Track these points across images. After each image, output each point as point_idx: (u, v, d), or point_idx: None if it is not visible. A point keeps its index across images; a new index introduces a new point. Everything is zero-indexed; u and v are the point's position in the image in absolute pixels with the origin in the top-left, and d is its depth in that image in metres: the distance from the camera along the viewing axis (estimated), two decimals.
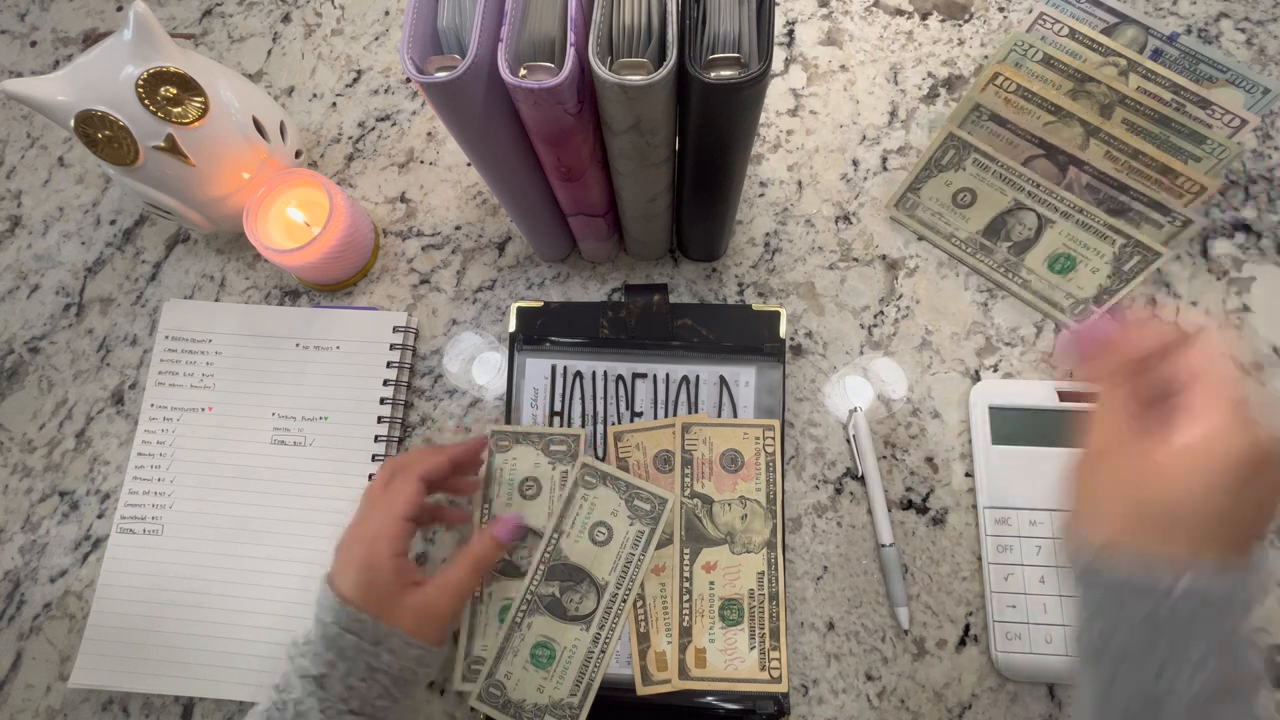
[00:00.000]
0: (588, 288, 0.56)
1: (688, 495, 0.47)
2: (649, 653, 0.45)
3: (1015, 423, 0.49)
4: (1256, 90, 0.48)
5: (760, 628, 0.46)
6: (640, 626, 0.46)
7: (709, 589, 0.46)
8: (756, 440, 0.47)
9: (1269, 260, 0.52)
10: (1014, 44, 0.50)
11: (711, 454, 0.47)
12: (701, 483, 0.47)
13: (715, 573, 0.46)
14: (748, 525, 0.47)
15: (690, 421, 0.47)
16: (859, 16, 0.61)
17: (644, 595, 0.46)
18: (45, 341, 0.58)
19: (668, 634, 0.46)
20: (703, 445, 0.47)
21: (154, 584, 0.51)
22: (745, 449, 0.47)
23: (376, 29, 0.64)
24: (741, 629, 0.46)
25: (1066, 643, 0.45)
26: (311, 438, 0.53)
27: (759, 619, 0.46)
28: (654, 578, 0.47)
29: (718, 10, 0.34)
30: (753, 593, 0.46)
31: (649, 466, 0.48)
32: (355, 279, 0.57)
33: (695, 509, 0.47)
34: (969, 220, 0.52)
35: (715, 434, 0.47)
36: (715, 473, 0.47)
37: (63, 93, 0.45)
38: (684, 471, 0.47)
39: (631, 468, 0.47)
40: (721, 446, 0.47)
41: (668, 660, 0.45)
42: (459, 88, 0.33)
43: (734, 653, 0.45)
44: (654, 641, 0.46)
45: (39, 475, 0.55)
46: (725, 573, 0.46)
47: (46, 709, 0.50)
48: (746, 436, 0.47)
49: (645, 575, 0.46)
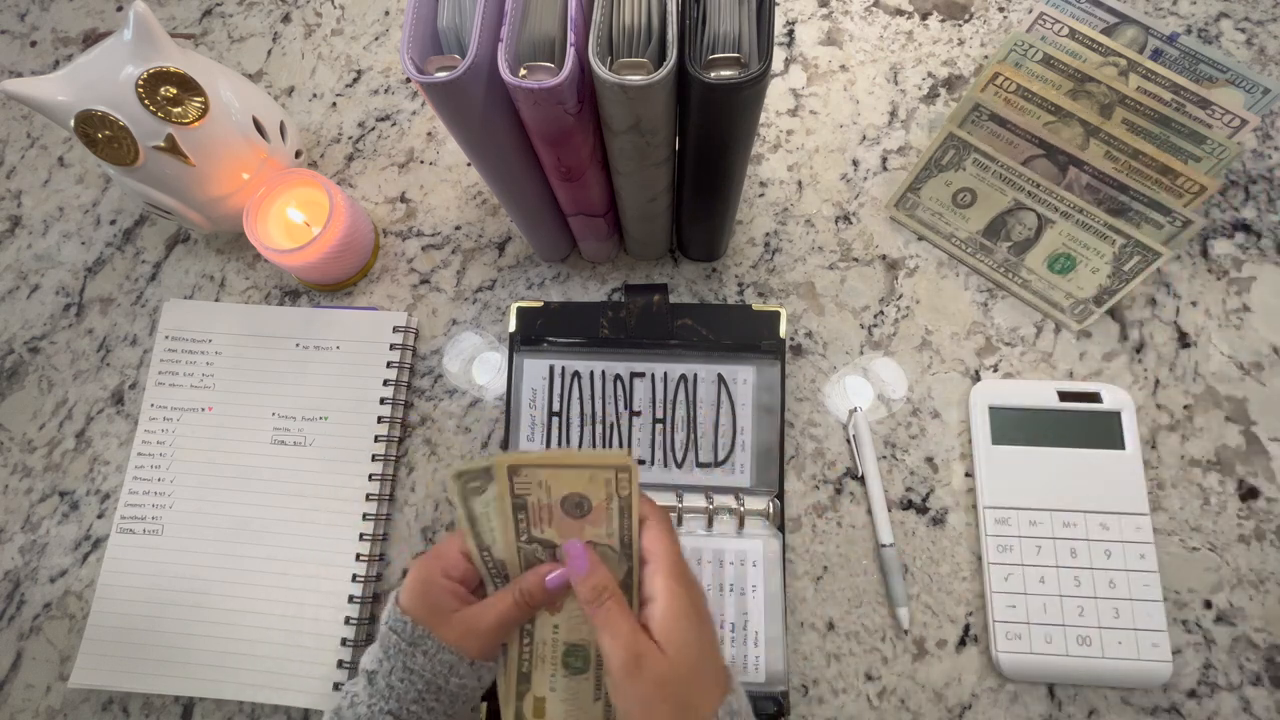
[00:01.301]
0: (588, 288, 0.56)
1: (524, 541, 0.39)
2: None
3: (1015, 423, 0.49)
4: (1256, 90, 0.48)
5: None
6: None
7: (552, 634, 0.40)
8: (607, 484, 0.38)
9: (1269, 260, 0.52)
10: (1014, 44, 0.50)
11: (550, 499, 0.39)
12: (541, 528, 0.39)
13: (560, 616, 0.40)
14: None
15: (518, 463, 0.38)
16: (859, 16, 0.61)
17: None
18: (45, 341, 0.58)
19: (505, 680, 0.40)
20: (537, 489, 0.39)
21: (154, 584, 0.51)
22: (592, 493, 0.39)
23: (376, 29, 0.64)
24: (586, 678, 0.40)
25: (1067, 642, 0.45)
26: (311, 438, 0.53)
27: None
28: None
29: (718, 10, 0.34)
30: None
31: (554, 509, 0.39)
32: (355, 279, 0.57)
33: (535, 553, 0.39)
34: (969, 220, 0.53)
35: (552, 477, 0.38)
36: (556, 517, 0.39)
37: (63, 93, 0.45)
38: (517, 518, 0.39)
39: (531, 508, 0.39)
40: (562, 490, 0.39)
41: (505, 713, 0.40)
42: (459, 88, 0.33)
43: (575, 702, 0.40)
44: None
45: (39, 475, 0.55)
46: (571, 617, 0.40)
47: (46, 709, 0.50)
48: (594, 480, 0.38)
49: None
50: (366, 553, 0.50)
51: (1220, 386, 0.50)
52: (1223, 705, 0.45)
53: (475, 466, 0.40)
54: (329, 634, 0.49)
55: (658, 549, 0.36)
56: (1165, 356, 0.51)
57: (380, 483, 0.52)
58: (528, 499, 0.39)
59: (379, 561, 0.51)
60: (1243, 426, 0.49)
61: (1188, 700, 0.45)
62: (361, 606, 0.49)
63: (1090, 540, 0.47)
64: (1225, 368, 0.51)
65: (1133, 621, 0.45)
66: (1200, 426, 0.50)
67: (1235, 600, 0.46)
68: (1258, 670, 0.45)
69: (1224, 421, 0.50)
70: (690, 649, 0.34)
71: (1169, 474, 0.49)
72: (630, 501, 0.39)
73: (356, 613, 0.49)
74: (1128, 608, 0.45)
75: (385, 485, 0.52)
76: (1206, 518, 0.48)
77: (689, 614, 0.35)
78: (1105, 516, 0.47)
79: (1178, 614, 0.46)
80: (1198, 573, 0.47)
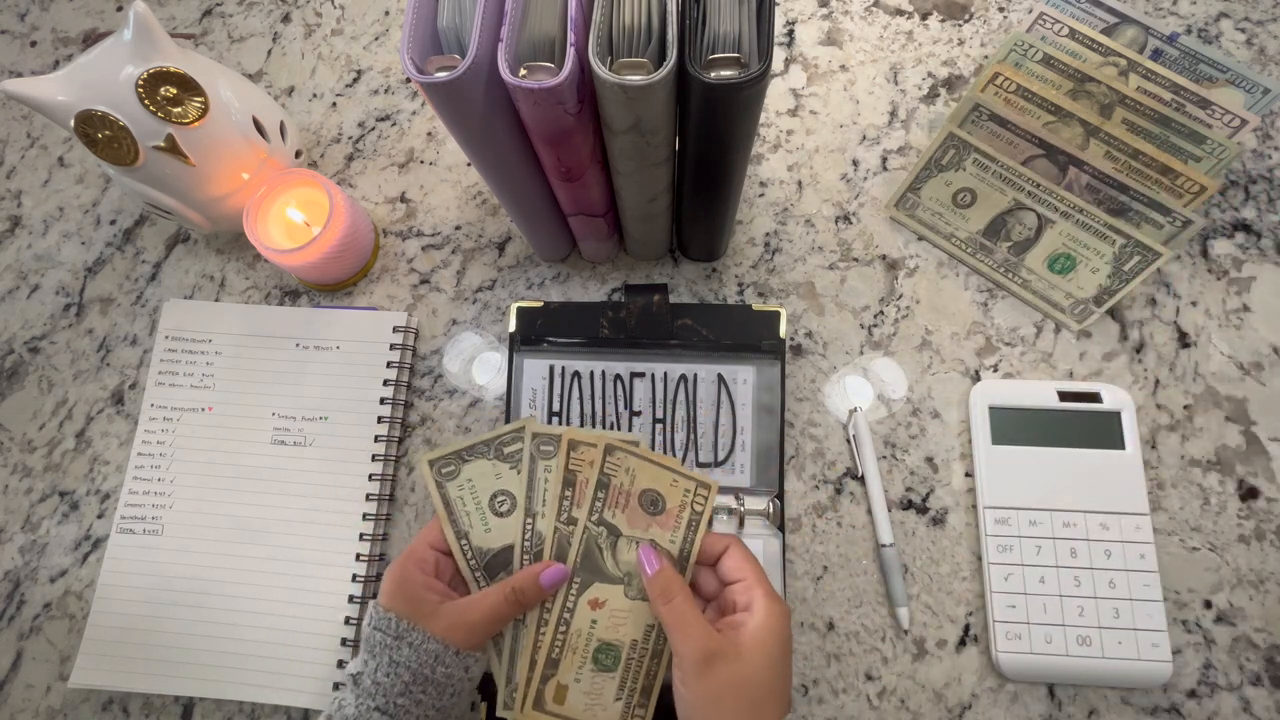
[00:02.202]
0: (588, 288, 0.56)
1: (594, 521, 0.41)
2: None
3: (1015, 423, 0.49)
4: (1256, 90, 0.48)
5: (633, 681, 0.40)
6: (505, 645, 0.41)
7: (589, 627, 0.40)
8: (686, 493, 0.41)
9: (1269, 260, 0.52)
10: (1014, 44, 0.50)
11: (631, 486, 0.41)
12: (612, 512, 0.41)
13: (600, 611, 0.40)
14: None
15: (616, 444, 0.41)
16: (859, 16, 0.61)
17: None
18: (45, 341, 0.58)
19: (532, 661, 0.40)
20: (623, 474, 0.41)
21: (154, 584, 0.51)
22: (670, 496, 0.41)
23: (376, 29, 0.64)
24: (612, 677, 0.40)
25: (1067, 642, 0.45)
26: (311, 438, 0.53)
27: (634, 672, 0.40)
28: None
29: (718, 10, 0.34)
30: (635, 644, 0.40)
31: (631, 497, 0.41)
32: (355, 279, 0.57)
33: (599, 537, 0.41)
34: (969, 220, 0.53)
35: (640, 467, 0.41)
36: (630, 507, 0.41)
37: (63, 93, 0.45)
38: (596, 495, 0.41)
39: (612, 490, 0.41)
40: (644, 483, 0.41)
41: (520, 690, 0.40)
42: (459, 88, 0.33)
43: (598, 697, 0.40)
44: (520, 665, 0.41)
45: (39, 475, 0.55)
46: (612, 615, 0.40)
47: (46, 709, 0.50)
48: (675, 485, 0.41)
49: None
50: (366, 553, 0.50)
51: (1220, 386, 0.50)
52: (1223, 705, 0.45)
53: (447, 451, 0.42)
54: (329, 634, 0.49)
55: (752, 570, 0.38)
56: (1165, 356, 0.51)
57: (380, 483, 0.52)
58: (611, 480, 0.41)
59: (379, 561, 0.51)
60: (1243, 426, 0.49)
61: (1188, 700, 0.45)
62: (361, 607, 0.49)
63: (1090, 540, 0.47)
64: (1225, 368, 0.51)
65: (1133, 621, 0.45)
66: (1200, 426, 0.50)
67: (1235, 600, 0.46)
68: (1258, 670, 0.45)
69: (1224, 421, 0.50)
70: (774, 665, 0.36)
71: (1169, 474, 0.49)
72: (700, 519, 0.41)
73: (356, 613, 0.49)
74: (1128, 608, 0.45)
75: (385, 485, 0.52)
76: (1206, 518, 0.48)
77: (780, 634, 0.36)
78: (1105, 516, 0.47)
79: (1178, 614, 0.46)
80: (1198, 573, 0.47)
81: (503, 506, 0.42)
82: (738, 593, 0.38)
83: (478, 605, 0.39)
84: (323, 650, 0.49)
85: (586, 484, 0.41)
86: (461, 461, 0.43)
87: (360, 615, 0.49)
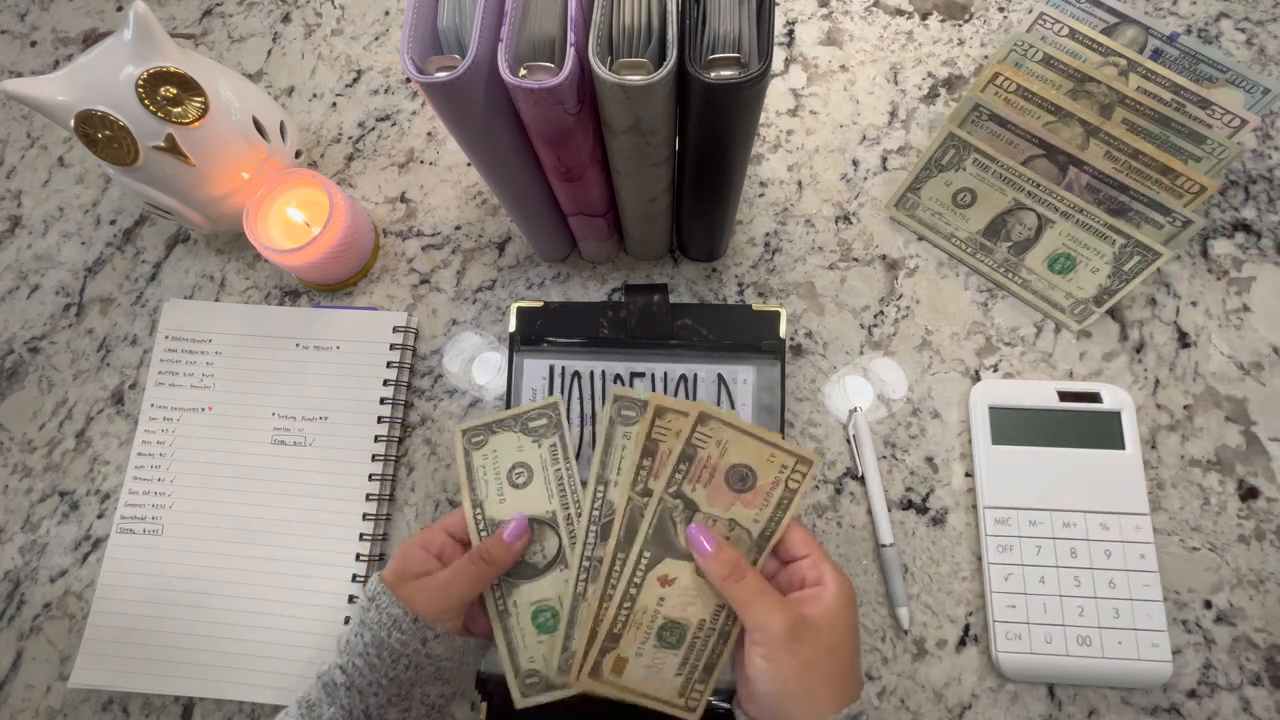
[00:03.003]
0: (588, 288, 0.56)
1: (671, 493, 0.39)
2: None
3: (1015, 423, 0.49)
4: (1256, 90, 0.48)
5: (696, 659, 0.39)
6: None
7: (656, 604, 0.39)
8: (782, 469, 0.38)
9: (1269, 260, 0.52)
10: (1014, 44, 0.50)
11: (720, 459, 0.39)
12: (693, 485, 0.39)
13: (670, 589, 0.39)
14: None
15: (710, 414, 0.38)
16: (859, 16, 0.61)
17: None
18: (45, 341, 0.58)
19: (593, 633, 0.39)
20: (713, 446, 0.39)
21: (154, 584, 0.51)
22: (764, 472, 0.38)
23: (376, 29, 0.64)
24: (675, 654, 0.39)
25: (1067, 642, 0.45)
26: (311, 438, 0.53)
27: (698, 651, 0.39)
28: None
29: (718, 10, 0.34)
30: (703, 624, 0.39)
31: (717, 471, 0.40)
32: (355, 279, 0.57)
33: (674, 511, 0.39)
34: (969, 220, 0.53)
35: (734, 440, 0.39)
36: (714, 483, 0.39)
37: (63, 93, 0.45)
38: (679, 466, 0.39)
39: (697, 463, 0.39)
40: (735, 457, 0.39)
41: (577, 659, 0.39)
42: (459, 88, 0.33)
43: (658, 671, 0.39)
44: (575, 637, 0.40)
45: (39, 475, 0.55)
46: (681, 593, 0.39)
47: (46, 709, 0.50)
48: (772, 460, 0.38)
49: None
50: (366, 553, 0.50)
51: (1220, 386, 0.50)
52: (1223, 705, 0.45)
53: (480, 422, 0.44)
54: (329, 634, 0.49)
55: (817, 546, 0.39)
56: (1165, 356, 0.51)
57: (380, 483, 0.52)
58: (699, 451, 0.39)
59: (379, 562, 0.51)
60: (1243, 426, 0.49)
61: (1188, 700, 0.45)
62: None
63: (1090, 540, 0.47)
64: (1225, 368, 0.51)
65: (1133, 621, 0.45)
66: (1200, 426, 0.50)
67: (1235, 600, 0.46)
68: (1258, 670, 0.45)
69: (1224, 421, 0.50)
70: (853, 636, 0.37)
71: (1169, 474, 0.49)
72: (793, 498, 0.39)
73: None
74: (1128, 608, 0.45)
75: (385, 485, 0.52)
76: (1206, 518, 0.48)
77: (854, 606, 0.37)
78: (1105, 516, 0.47)
79: (1178, 614, 0.46)
80: (1198, 573, 0.47)
81: (519, 478, 0.44)
82: (805, 569, 0.38)
83: (449, 576, 0.40)
84: (323, 650, 0.49)
85: (669, 454, 0.39)
86: (490, 433, 0.44)
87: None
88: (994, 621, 0.46)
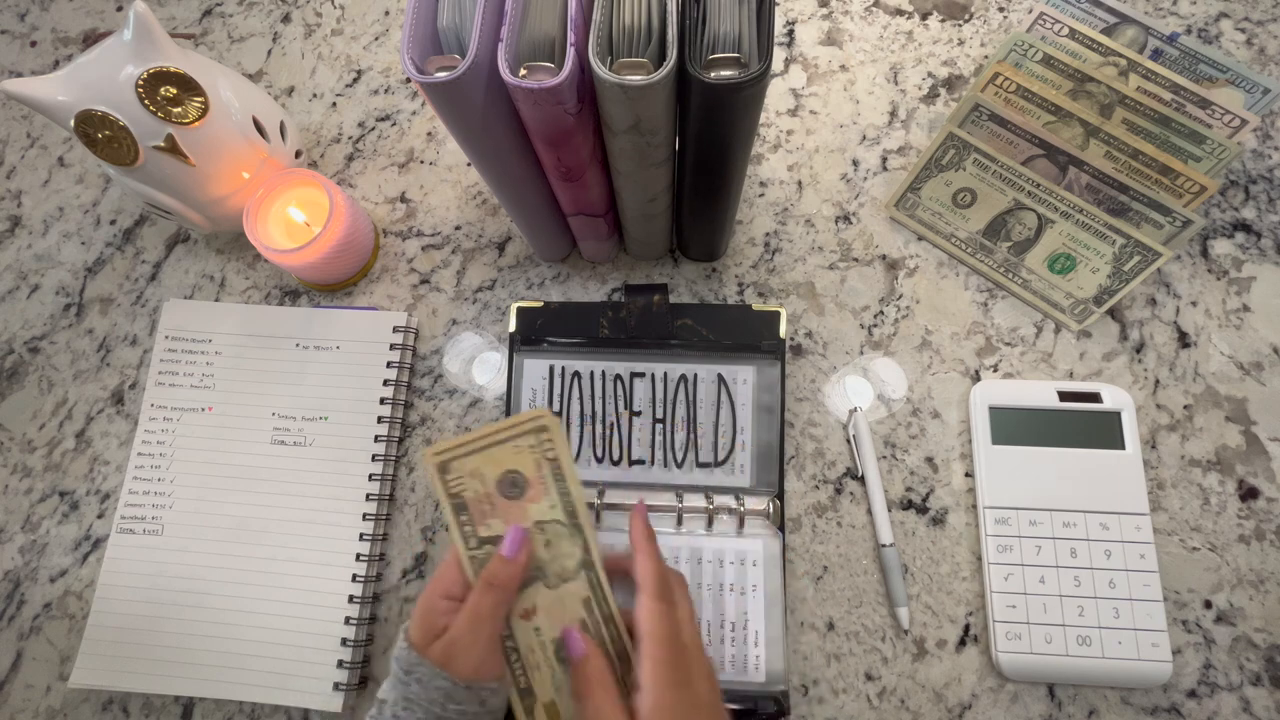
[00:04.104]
0: (588, 288, 0.56)
1: (473, 546, 0.37)
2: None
3: (1015, 423, 0.49)
4: (1256, 90, 0.48)
5: (614, 654, 0.38)
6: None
7: (535, 636, 0.38)
8: (532, 450, 0.37)
9: (1269, 260, 0.52)
10: (1014, 44, 0.50)
11: (485, 487, 0.37)
12: (487, 525, 0.37)
13: (537, 617, 0.38)
14: (554, 552, 0.38)
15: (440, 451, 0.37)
16: (859, 16, 0.61)
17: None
18: (45, 341, 0.58)
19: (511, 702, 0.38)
20: (470, 480, 0.37)
21: (154, 584, 0.51)
22: (523, 466, 0.37)
23: (376, 29, 0.64)
24: None
25: (1067, 642, 0.45)
26: (311, 438, 0.53)
27: (604, 647, 0.38)
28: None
29: (718, 10, 0.34)
30: (585, 623, 0.38)
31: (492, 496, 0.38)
32: (355, 279, 0.57)
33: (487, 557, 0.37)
34: (969, 220, 0.53)
35: (480, 460, 0.37)
36: (499, 505, 0.37)
37: (63, 93, 0.45)
38: (461, 520, 0.37)
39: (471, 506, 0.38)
40: (493, 472, 0.37)
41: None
42: (459, 88, 0.33)
43: None
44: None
45: (39, 475, 0.55)
46: (549, 612, 0.38)
47: (46, 709, 0.50)
48: (519, 450, 0.36)
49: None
50: (366, 553, 0.50)
51: (1220, 386, 0.50)
52: (1223, 705, 0.45)
53: (449, 445, 0.38)
54: (329, 634, 0.49)
55: (649, 627, 0.35)
56: (1165, 356, 0.51)
57: (380, 483, 0.52)
58: (464, 495, 0.37)
59: (379, 561, 0.51)
60: (1243, 426, 0.49)
61: (1188, 700, 0.45)
62: (361, 606, 0.49)
63: (1090, 540, 0.47)
64: (1225, 368, 0.51)
65: (1133, 621, 0.45)
66: (1200, 426, 0.50)
67: (1235, 600, 0.46)
68: (1258, 670, 0.45)
69: (1224, 421, 0.50)
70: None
71: (1169, 474, 0.49)
72: (560, 464, 0.36)
73: (356, 613, 0.49)
74: (1128, 608, 0.45)
75: (385, 485, 0.52)
76: (1206, 518, 0.48)
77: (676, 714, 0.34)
78: (1105, 516, 0.47)
79: (1178, 614, 0.46)
80: (1198, 573, 0.47)
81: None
82: (635, 662, 0.35)
83: (464, 619, 0.36)
84: (323, 650, 0.49)
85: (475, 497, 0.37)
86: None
87: (360, 615, 0.49)
88: (994, 621, 0.46)
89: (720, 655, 0.46)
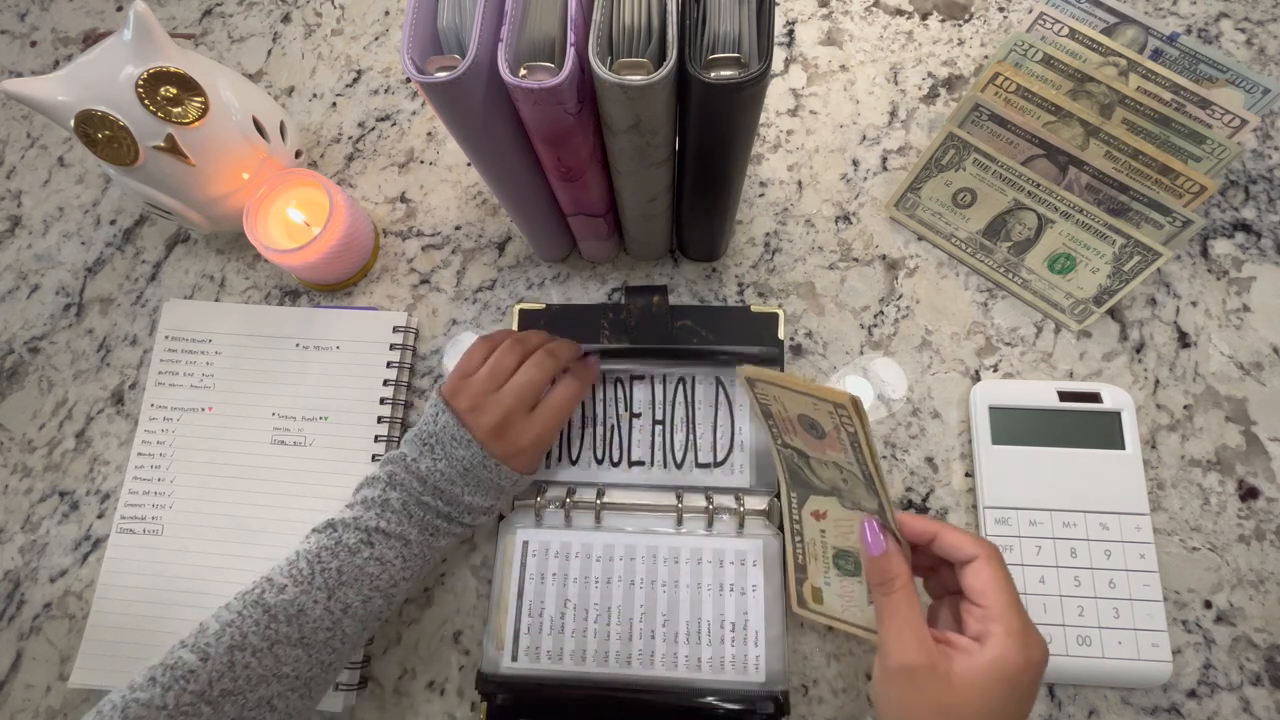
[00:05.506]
0: (588, 288, 0.56)
1: (780, 445, 0.41)
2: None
3: (1015, 423, 0.49)
4: (1256, 90, 0.48)
5: None
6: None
7: (820, 536, 0.41)
8: (830, 415, 0.37)
9: (1269, 260, 0.52)
10: (1014, 44, 0.50)
11: (787, 413, 0.39)
12: (790, 436, 0.40)
13: (825, 522, 0.41)
14: (851, 488, 0.39)
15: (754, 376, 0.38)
16: (859, 16, 0.61)
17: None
18: (45, 341, 0.58)
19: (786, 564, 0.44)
20: (775, 404, 0.39)
21: (154, 584, 0.51)
22: (822, 420, 0.37)
23: (376, 29, 0.64)
24: (860, 581, 0.41)
25: (1067, 642, 0.45)
26: (311, 438, 0.53)
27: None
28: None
29: (718, 10, 0.34)
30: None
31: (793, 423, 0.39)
32: (355, 279, 0.57)
33: (793, 457, 0.40)
34: (969, 220, 0.53)
35: (783, 395, 0.38)
36: (800, 433, 0.39)
37: (63, 93, 0.45)
38: (769, 423, 0.40)
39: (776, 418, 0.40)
40: (794, 410, 0.38)
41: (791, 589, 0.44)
42: (459, 88, 0.33)
43: (851, 599, 0.41)
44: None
45: (39, 475, 0.55)
46: (836, 525, 0.41)
47: (46, 709, 0.50)
48: (817, 408, 0.37)
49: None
50: None
51: (1220, 386, 0.50)
52: (1223, 705, 0.45)
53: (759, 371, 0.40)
54: None
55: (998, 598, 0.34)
56: (1165, 356, 0.51)
57: None
58: (770, 409, 0.40)
59: None
60: (1243, 426, 0.49)
61: (1188, 700, 0.45)
62: None
63: (1090, 540, 0.47)
64: (1225, 368, 0.51)
65: (1133, 621, 0.45)
66: (1200, 426, 0.50)
67: (1235, 600, 0.46)
68: (1258, 670, 0.45)
69: (1224, 421, 0.50)
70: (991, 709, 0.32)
71: (1169, 474, 0.49)
72: (859, 439, 0.37)
73: None
74: (1128, 608, 0.45)
75: None
76: (1206, 518, 0.48)
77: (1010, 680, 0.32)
78: (1105, 516, 0.47)
79: (1178, 614, 0.46)
80: (1198, 573, 0.47)
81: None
82: (974, 617, 0.34)
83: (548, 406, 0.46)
84: None
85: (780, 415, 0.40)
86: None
87: None
88: None
89: (720, 655, 0.46)
